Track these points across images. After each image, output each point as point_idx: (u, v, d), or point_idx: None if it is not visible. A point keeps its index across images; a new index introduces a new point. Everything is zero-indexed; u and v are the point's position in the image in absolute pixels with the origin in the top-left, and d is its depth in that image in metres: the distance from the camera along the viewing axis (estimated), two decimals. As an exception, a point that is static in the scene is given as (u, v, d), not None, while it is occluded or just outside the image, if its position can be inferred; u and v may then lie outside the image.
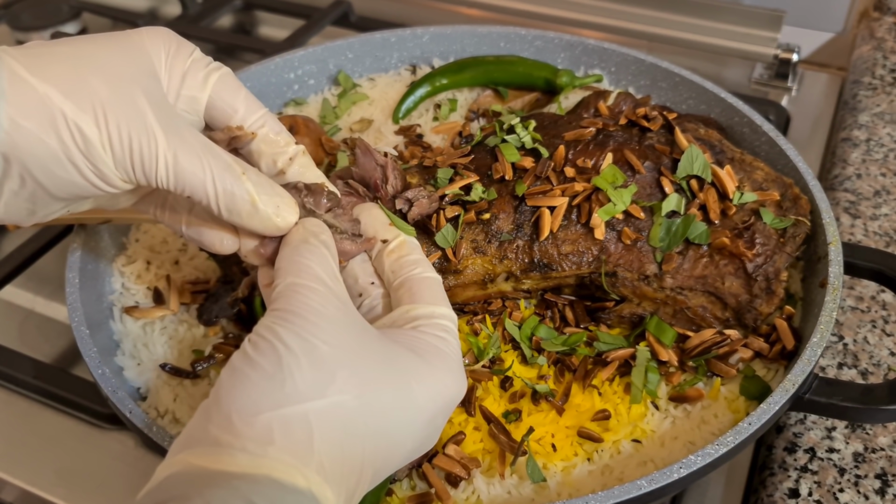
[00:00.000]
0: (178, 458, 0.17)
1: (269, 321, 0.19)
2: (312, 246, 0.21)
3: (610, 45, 0.42)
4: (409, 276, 0.23)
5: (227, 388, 0.18)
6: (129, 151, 0.20)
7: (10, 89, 0.19)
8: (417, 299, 0.22)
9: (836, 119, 0.48)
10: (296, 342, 0.18)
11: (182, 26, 0.55)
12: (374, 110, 0.42)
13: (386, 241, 0.24)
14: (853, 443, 0.29)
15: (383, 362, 0.19)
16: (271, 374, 0.18)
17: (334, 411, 0.18)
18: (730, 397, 0.28)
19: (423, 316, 0.21)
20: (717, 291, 0.29)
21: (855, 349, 0.33)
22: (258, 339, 0.19)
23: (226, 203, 0.21)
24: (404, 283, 0.23)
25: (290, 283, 0.20)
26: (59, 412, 0.33)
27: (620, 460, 0.26)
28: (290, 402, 0.17)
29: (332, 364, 0.18)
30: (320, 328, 0.19)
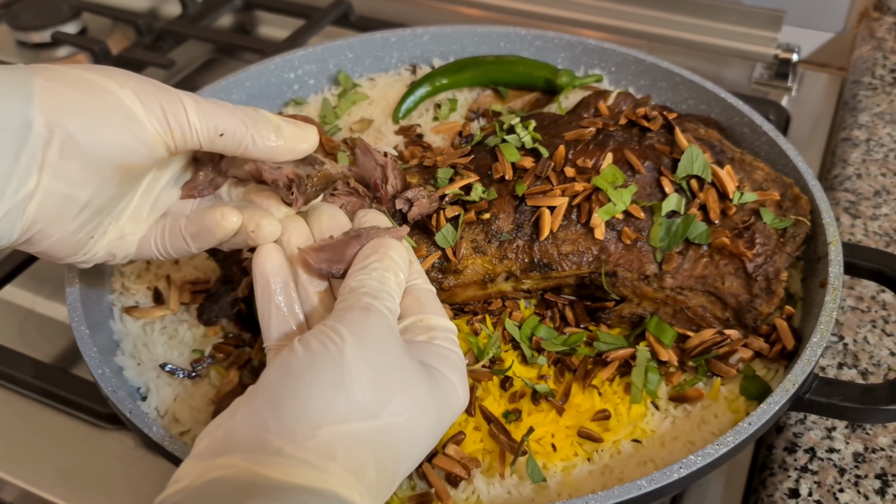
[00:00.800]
0: (228, 461, 0.17)
1: (331, 328, 0.19)
2: (388, 283, 0.22)
3: (610, 44, 0.42)
4: (413, 284, 0.23)
5: (288, 394, 0.18)
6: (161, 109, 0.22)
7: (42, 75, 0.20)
8: (428, 310, 0.23)
9: (836, 119, 0.48)
10: (357, 360, 0.19)
11: (182, 26, 0.55)
12: (374, 110, 0.42)
13: None
14: (853, 443, 0.29)
15: (425, 386, 0.20)
16: (333, 387, 0.18)
17: (387, 432, 0.18)
18: (730, 397, 0.28)
19: (437, 328, 0.22)
20: (717, 291, 0.29)
21: (855, 349, 0.33)
22: (317, 344, 0.19)
23: (253, 128, 0.23)
24: (411, 292, 0.23)
25: (361, 301, 0.21)
26: (59, 412, 0.33)
27: (620, 460, 0.26)
28: (351, 419, 0.18)
29: (388, 388, 0.19)
30: (380, 349, 0.19)
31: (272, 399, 0.18)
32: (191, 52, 0.55)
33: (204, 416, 0.28)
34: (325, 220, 0.24)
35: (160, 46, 0.54)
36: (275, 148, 0.24)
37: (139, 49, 0.53)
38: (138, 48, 0.53)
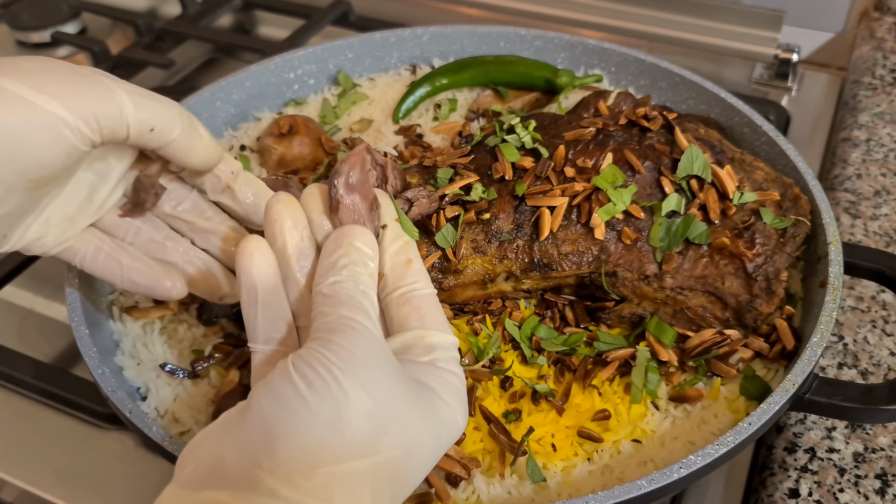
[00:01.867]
0: (217, 497, 0.16)
1: (323, 356, 0.18)
2: (361, 281, 0.20)
3: (610, 45, 0.42)
4: (415, 292, 0.22)
5: (281, 428, 0.17)
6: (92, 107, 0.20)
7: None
8: (429, 324, 0.21)
9: (836, 119, 0.48)
10: (354, 391, 0.17)
11: (182, 26, 0.55)
12: (374, 110, 0.42)
13: (385, 226, 0.23)
14: (853, 443, 0.29)
15: (423, 413, 0.19)
16: (329, 423, 0.17)
17: (385, 467, 0.17)
18: (730, 397, 0.28)
19: (438, 346, 0.21)
20: (717, 291, 0.29)
21: (855, 349, 0.33)
22: (313, 374, 0.17)
23: (185, 125, 0.22)
24: (411, 301, 0.22)
25: (342, 315, 0.19)
26: (58, 412, 0.33)
27: (620, 460, 0.26)
28: (348, 458, 0.17)
29: (385, 419, 0.18)
30: (375, 377, 0.18)
31: (265, 431, 0.17)
32: (190, 52, 0.55)
33: (204, 416, 0.28)
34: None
35: (160, 46, 0.54)
36: (194, 150, 0.23)
37: (139, 49, 0.53)
38: (138, 48, 0.53)
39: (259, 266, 0.21)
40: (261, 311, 0.21)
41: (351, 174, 0.21)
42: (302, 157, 0.38)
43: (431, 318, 0.21)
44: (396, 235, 0.23)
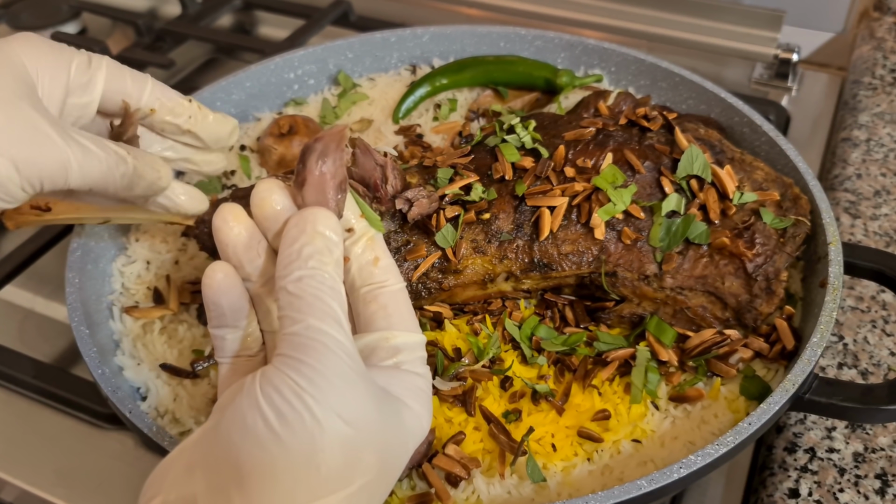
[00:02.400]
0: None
1: (294, 381, 0.17)
2: (327, 273, 0.19)
3: (610, 44, 0.42)
4: (382, 289, 0.21)
5: (254, 465, 0.16)
6: (37, 170, 0.21)
7: None
8: (395, 324, 0.20)
9: (836, 119, 0.48)
10: (328, 420, 0.16)
11: (182, 26, 0.55)
12: (374, 110, 0.42)
13: (351, 230, 0.21)
14: (853, 443, 0.29)
15: (392, 426, 0.18)
16: (304, 459, 0.16)
17: (360, 494, 0.17)
18: (730, 397, 0.28)
19: (404, 348, 0.20)
20: (717, 291, 0.29)
21: (855, 349, 0.33)
22: (284, 404, 0.16)
23: (126, 184, 0.23)
24: (377, 298, 0.21)
25: (311, 327, 0.18)
26: (58, 412, 0.33)
27: (620, 460, 0.26)
28: (324, 493, 0.16)
29: (359, 445, 0.17)
30: (349, 400, 0.17)
31: (236, 469, 0.16)
32: (191, 52, 0.55)
33: (204, 416, 0.28)
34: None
35: (160, 46, 0.54)
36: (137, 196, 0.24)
37: (139, 49, 0.53)
38: (138, 48, 0.53)
39: (221, 286, 0.20)
40: (228, 329, 0.21)
41: (324, 151, 0.20)
42: (302, 157, 0.38)
43: (398, 317, 0.21)
44: (362, 232, 0.21)
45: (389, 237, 0.28)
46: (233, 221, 0.20)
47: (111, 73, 0.24)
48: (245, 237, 0.21)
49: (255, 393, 0.17)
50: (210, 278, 0.21)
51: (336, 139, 0.20)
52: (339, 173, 0.20)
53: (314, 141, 0.20)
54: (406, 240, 0.29)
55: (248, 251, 0.21)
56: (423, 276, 0.29)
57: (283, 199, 0.21)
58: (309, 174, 0.20)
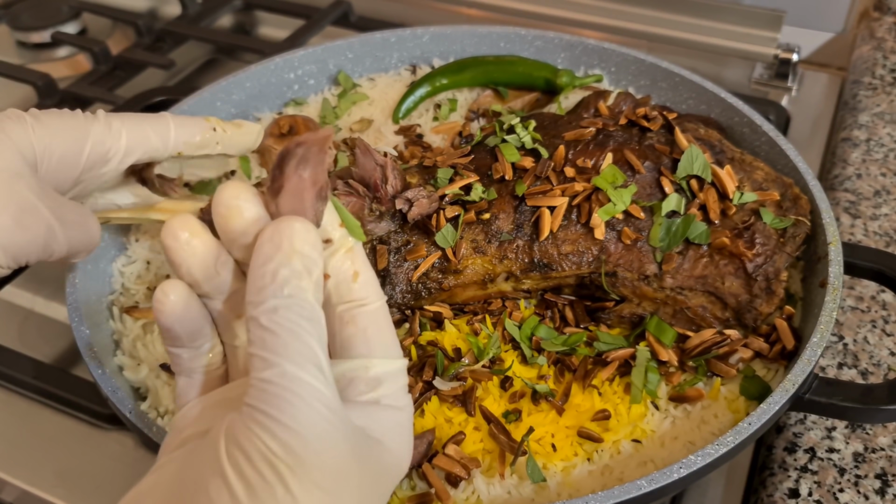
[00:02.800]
0: None
1: (266, 446, 0.14)
2: (306, 302, 0.16)
3: (610, 45, 0.42)
4: (361, 309, 0.18)
5: None
6: (24, 252, 0.21)
7: None
8: (376, 350, 0.18)
9: (836, 119, 0.48)
10: (305, 494, 0.14)
11: (182, 26, 0.55)
12: (374, 110, 0.42)
13: (329, 240, 0.18)
14: (853, 443, 0.29)
15: (372, 479, 0.16)
16: None
17: None
18: (730, 397, 0.28)
19: (385, 379, 0.17)
20: (717, 291, 0.29)
21: (855, 349, 0.33)
22: (253, 474, 0.14)
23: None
24: (356, 320, 0.18)
25: (287, 375, 0.15)
26: (58, 412, 0.33)
27: (620, 460, 0.26)
28: None
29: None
30: (327, 467, 0.15)
31: None
32: (191, 53, 0.55)
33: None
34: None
35: (160, 47, 0.54)
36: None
37: (139, 49, 0.53)
38: (138, 48, 0.53)
39: (178, 316, 0.17)
40: (186, 351, 0.18)
41: (305, 157, 0.17)
42: (302, 158, 0.38)
43: (378, 342, 0.18)
44: (340, 243, 0.18)
45: (389, 237, 0.28)
46: (186, 237, 0.17)
47: (132, 136, 0.24)
48: (202, 255, 0.17)
49: (219, 456, 0.15)
50: (160, 302, 0.17)
51: (319, 143, 0.17)
52: (320, 179, 0.17)
53: (294, 145, 0.17)
54: (406, 240, 0.29)
55: (207, 270, 0.17)
56: (423, 276, 0.29)
57: (253, 208, 0.17)
58: (286, 181, 0.17)
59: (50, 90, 0.49)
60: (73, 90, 0.49)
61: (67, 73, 0.53)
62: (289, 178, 0.17)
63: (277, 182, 0.17)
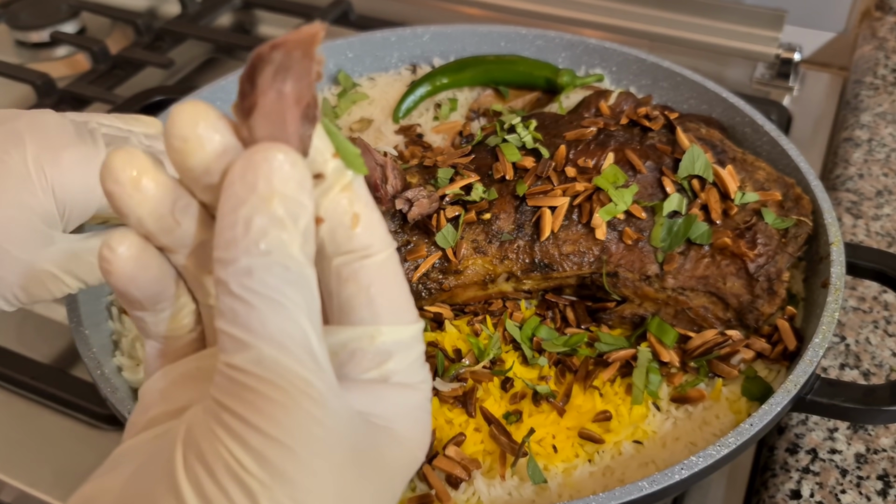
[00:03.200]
0: None
1: (235, 459, 0.11)
2: (291, 259, 0.12)
3: (611, 44, 0.41)
4: (365, 261, 0.13)
5: None
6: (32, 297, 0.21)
7: None
8: (383, 313, 0.13)
9: (837, 119, 0.48)
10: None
11: (181, 26, 0.55)
12: (374, 110, 0.41)
13: (320, 175, 0.13)
14: (855, 444, 0.29)
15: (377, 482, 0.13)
16: None
17: None
18: (731, 398, 0.28)
19: (395, 351, 0.13)
20: (719, 292, 0.29)
21: (857, 350, 0.33)
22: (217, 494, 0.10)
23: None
24: (357, 276, 0.13)
25: (265, 360, 0.11)
26: (57, 413, 0.33)
27: (622, 461, 0.26)
28: None
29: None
30: (315, 484, 0.11)
31: None
32: (190, 52, 0.55)
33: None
34: None
35: (159, 46, 0.54)
36: None
37: (138, 49, 0.53)
38: (137, 48, 0.53)
39: (130, 275, 0.13)
40: (149, 314, 0.14)
41: (285, 64, 0.12)
42: (302, 157, 0.37)
43: (386, 302, 0.13)
44: (335, 177, 0.13)
45: (390, 237, 0.28)
46: (132, 176, 0.12)
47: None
48: (155, 200, 0.12)
49: (174, 466, 0.11)
50: (107, 260, 0.13)
51: (302, 46, 0.12)
52: (306, 94, 0.12)
53: (269, 48, 0.12)
54: (406, 240, 0.29)
55: (163, 219, 0.13)
56: (424, 277, 0.29)
57: (217, 136, 0.12)
58: (261, 96, 0.12)
59: (49, 90, 0.49)
60: (71, 89, 0.49)
61: (66, 73, 0.53)
62: (264, 92, 0.12)
63: (249, 98, 0.12)
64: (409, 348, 0.14)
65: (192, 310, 0.15)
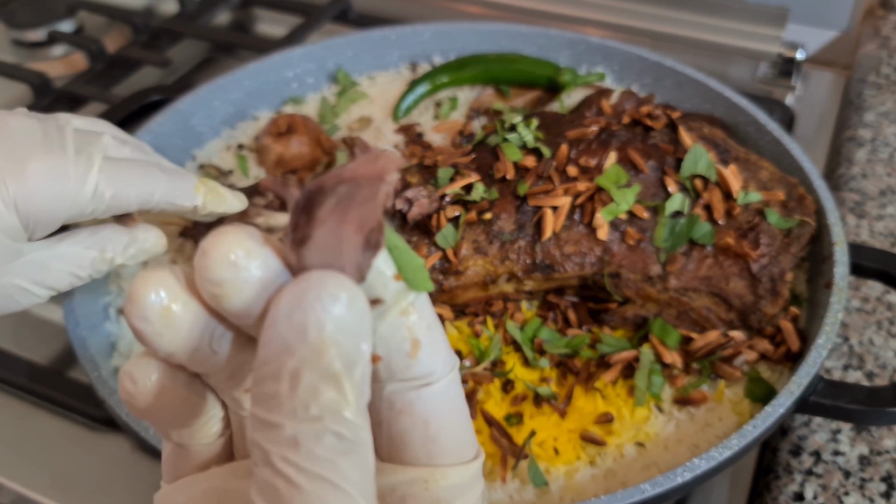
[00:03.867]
0: None
1: None
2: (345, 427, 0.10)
3: (613, 42, 0.41)
4: (422, 391, 0.11)
5: None
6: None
7: None
8: (440, 452, 0.11)
9: (840, 118, 0.48)
10: None
11: (179, 24, 0.54)
12: (374, 109, 0.41)
13: (379, 301, 0.11)
14: (858, 445, 0.29)
15: None
16: None
17: None
18: (734, 400, 0.28)
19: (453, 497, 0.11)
20: (722, 292, 0.29)
21: (860, 351, 0.33)
22: None
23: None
24: (413, 407, 0.11)
25: None
26: (54, 415, 0.32)
27: (624, 464, 0.26)
28: None
29: None
30: None
31: None
32: (188, 51, 0.55)
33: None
34: None
35: (157, 45, 0.54)
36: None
37: (135, 47, 0.52)
38: (135, 46, 0.53)
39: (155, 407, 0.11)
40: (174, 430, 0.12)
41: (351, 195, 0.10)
42: (301, 157, 0.37)
43: (444, 440, 0.11)
44: (394, 300, 0.11)
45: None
46: (160, 310, 0.10)
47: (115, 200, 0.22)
48: (190, 333, 0.11)
49: None
50: (130, 394, 0.11)
51: (373, 180, 0.10)
52: (371, 219, 0.10)
53: (334, 181, 0.10)
54: (406, 240, 0.29)
55: (198, 352, 0.11)
56: (424, 278, 0.29)
57: (260, 271, 0.10)
58: (317, 228, 0.10)
59: (45, 89, 0.48)
60: (68, 89, 0.49)
61: (63, 72, 0.53)
62: (321, 222, 0.10)
63: (303, 231, 0.10)
64: (468, 490, 0.12)
65: (221, 417, 0.13)
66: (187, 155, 0.39)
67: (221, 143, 0.40)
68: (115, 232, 0.24)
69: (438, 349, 0.12)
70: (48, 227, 0.22)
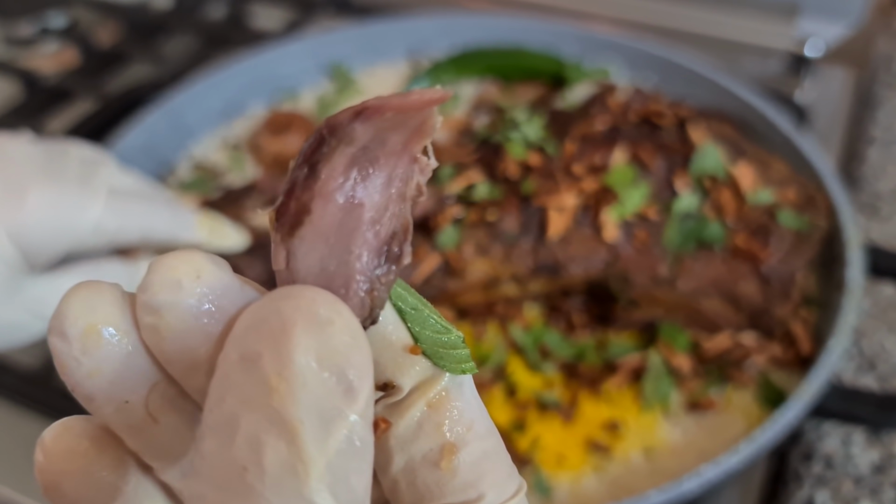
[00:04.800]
0: None
1: None
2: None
3: (620, 37, 0.40)
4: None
5: None
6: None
7: None
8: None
9: (853, 115, 0.47)
10: None
11: (173, 18, 0.53)
12: (374, 105, 0.41)
13: (392, 386, 0.08)
14: (870, 451, 0.28)
15: None
16: None
17: None
18: (744, 405, 0.27)
19: None
20: (732, 294, 0.28)
21: (872, 354, 0.32)
22: None
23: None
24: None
25: None
26: (44, 419, 0.32)
27: (630, 471, 0.25)
28: None
29: None
30: None
31: None
32: (182, 46, 0.54)
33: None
34: None
35: (151, 40, 0.52)
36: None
37: (128, 43, 0.51)
38: (128, 42, 0.52)
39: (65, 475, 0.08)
40: None
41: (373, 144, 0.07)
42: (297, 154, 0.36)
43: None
44: (416, 384, 0.08)
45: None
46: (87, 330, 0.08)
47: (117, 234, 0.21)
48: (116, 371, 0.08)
49: None
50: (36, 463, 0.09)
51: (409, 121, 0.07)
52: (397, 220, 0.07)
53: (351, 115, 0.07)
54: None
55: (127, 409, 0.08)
56: (424, 280, 0.28)
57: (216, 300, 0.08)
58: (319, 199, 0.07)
59: (37, 85, 0.47)
60: (60, 85, 0.47)
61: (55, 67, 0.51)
62: (326, 194, 0.07)
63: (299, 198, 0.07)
64: None
65: None
66: (181, 152, 0.38)
67: (216, 140, 0.39)
68: (117, 267, 0.23)
69: (491, 462, 0.08)
70: (50, 257, 0.21)
